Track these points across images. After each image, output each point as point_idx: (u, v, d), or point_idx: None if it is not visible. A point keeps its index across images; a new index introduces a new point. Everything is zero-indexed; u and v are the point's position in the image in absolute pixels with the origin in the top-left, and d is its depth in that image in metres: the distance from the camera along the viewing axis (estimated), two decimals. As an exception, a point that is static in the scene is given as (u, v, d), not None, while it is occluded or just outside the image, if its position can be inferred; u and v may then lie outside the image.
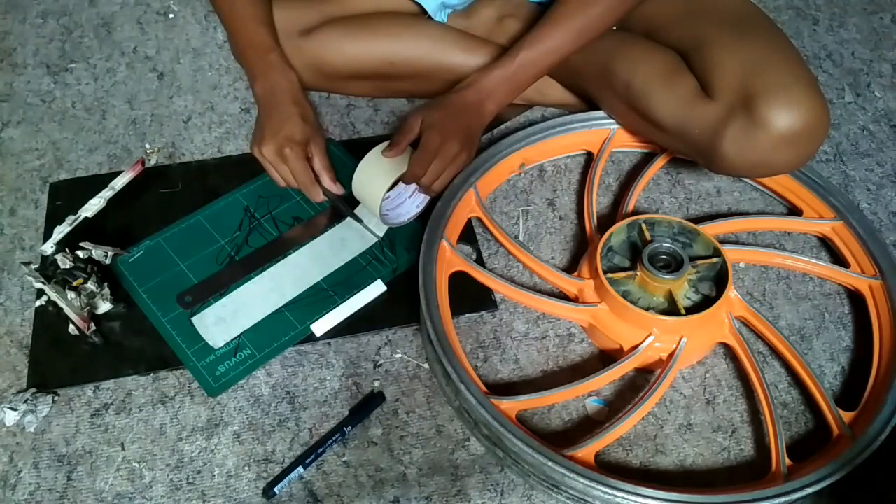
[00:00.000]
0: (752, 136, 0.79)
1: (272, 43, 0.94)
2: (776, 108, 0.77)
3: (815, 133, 0.79)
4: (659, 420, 0.81)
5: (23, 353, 0.84)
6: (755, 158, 0.80)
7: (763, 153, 0.80)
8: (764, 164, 0.82)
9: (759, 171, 0.84)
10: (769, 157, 0.80)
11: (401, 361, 0.84)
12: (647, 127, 0.92)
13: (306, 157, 0.90)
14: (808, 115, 0.77)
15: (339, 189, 0.91)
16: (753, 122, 0.78)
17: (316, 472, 0.76)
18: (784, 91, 0.77)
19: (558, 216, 0.98)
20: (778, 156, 0.80)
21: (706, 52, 0.84)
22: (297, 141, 0.89)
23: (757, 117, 0.78)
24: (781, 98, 0.77)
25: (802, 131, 0.78)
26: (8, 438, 0.78)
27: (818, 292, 0.92)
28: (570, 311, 0.86)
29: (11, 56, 1.16)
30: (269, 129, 0.90)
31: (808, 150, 0.80)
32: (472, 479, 0.76)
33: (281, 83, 0.92)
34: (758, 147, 0.79)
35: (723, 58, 0.82)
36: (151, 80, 1.13)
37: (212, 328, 0.85)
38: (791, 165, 0.83)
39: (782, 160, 0.81)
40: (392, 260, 0.92)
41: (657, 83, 0.87)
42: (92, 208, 0.92)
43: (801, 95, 0.77)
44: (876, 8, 1.30)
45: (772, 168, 0.83)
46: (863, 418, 0.77)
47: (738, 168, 0.83)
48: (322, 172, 0.90)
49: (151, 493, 0.75)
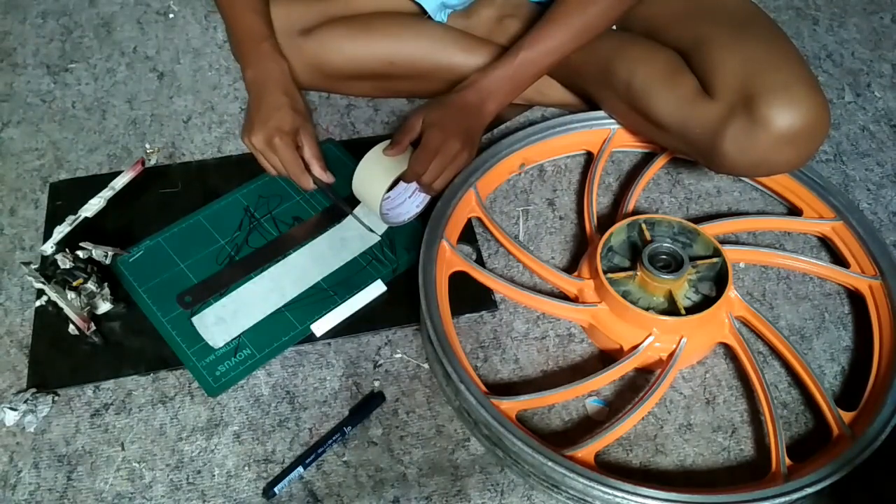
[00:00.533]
0: (752, 136, 0.79)
1: (266, 32, 0.94)
2: (777, 108, 0.77)
3: (815, 132, 0.79)
4: (659, 420, 0.81)
5: (23, 353, 0.84)
6: (756, 158, 0.80)
7: (763, 152, 0.80)
8: (764, 164, 0.82)
9: (760, 170, 0.84)
10: (770, 157, 0.80)
11: (401, 361, 0.84)
12: (647, 127, 0.92)
13: (296, 146, 0.90)
14: (808, 115, 0.77)
15: (329, 178, 0.91)
16: (754, 122, 0.78)
17: (316, 472, 0.76)
18: (785, 90, 0.78)
19: (558, 216, 0.98)
20: (778, 155, 0.80)
21: (706, 51, 0.84)
22: (286, 130, 0.89)
23: (758, 117, 0.78)
24: (782, 97, 0.77)
25: (803, 131, 0.78)
26: (8, 438, 0.78)
27: (818, 292, 0.92)
28: (570, 311, 0.86)
29: (11, 56, 1.16)
30: (259, 119, 0.90)
31: (809, 150, 0.80)
32: (472, 479, 0.76)
33: (272, 72, 0.92)
34: (758, 146, 0.79)
35: (723, 57, 0.82)
36: (151, 80, 1.13)
37: (212, 328, 0.85)
38: (791, 165, 0.83)
39: (783, 159, 0.81)
40: (392, 260, 0.92)
41: (657, 83, 0.87)
42: (92, 208, 0.92)
43: (801, 95, 0.77)
44: (876, 8, 1.30)
45: (772, 167, 0.83)
46: (863, 418, 0.77)
47: (738, 167, 0.83)
48: (312, 161, 0.90)
49: (151, 493, 0.75)
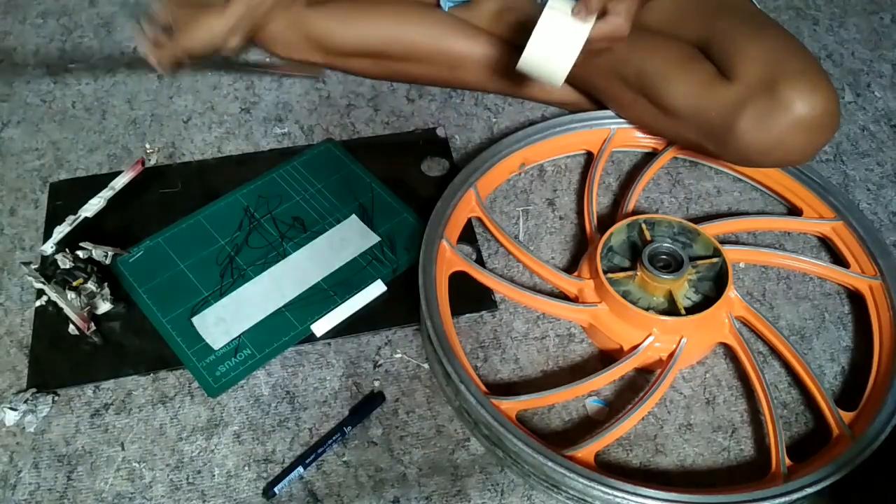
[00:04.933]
0: (771, 117, 0.80)
1: None
2: (799, 91, 0.79)
3: (829, 122, 0.81)
4: (659, 420, 0.81)
5: (23, 353, 0.84)
6: (771, 141, 0.82)
7: (779, 135, 0.81)
8: (778, 148, 0.83)
9: (771, 156, 0.85)
10: (784, 141, 0.81)
11: (401, 361, 0.84)
12: (655, 115, 0.92)
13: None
14: (826, 103, 0.80)
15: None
16: (774, 104, 0.80)
17: (316, 472, 0.76)
18: (807, 77, 0.80)
19: (558, 216, 0.98)
20: (793, 139, 0.81)
21: (727, 40, 0.86)
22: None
23: (779, 99, 0.80)
24: (805, 83, 0.79)
25: (820, 118, 0.80)
26: (8, 438, 0.78)
27: (818, 292, 0.92)
28: (570, 311, 0.86)
29: (11, 56, 1.16)
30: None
31: (821, 139, 0.83)
32: (472, 479, 0.76)
33: None
34: (775, 128, 0.81)
35: (746, 44, 0.84)
36: (151, 80, 1.13)
37: (212, 328, 0.85)
38: (803, 153, 0.84)
39: (796, 145, 0.82)
40: (392, 260, 0.92)
41: (673, 67, 0.88)
42: (92, 208, 0.92)
43: (822, 84, 0.80)
44: (876, 8, 1.30)
45: (785, 153, 0.84)
46: (863, 418, 0.77)
47: (751, 150, 0.84)
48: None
49: (151, 493, 0.75)
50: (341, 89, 1.12)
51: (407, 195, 0.98)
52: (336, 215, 0.96)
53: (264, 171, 1.00)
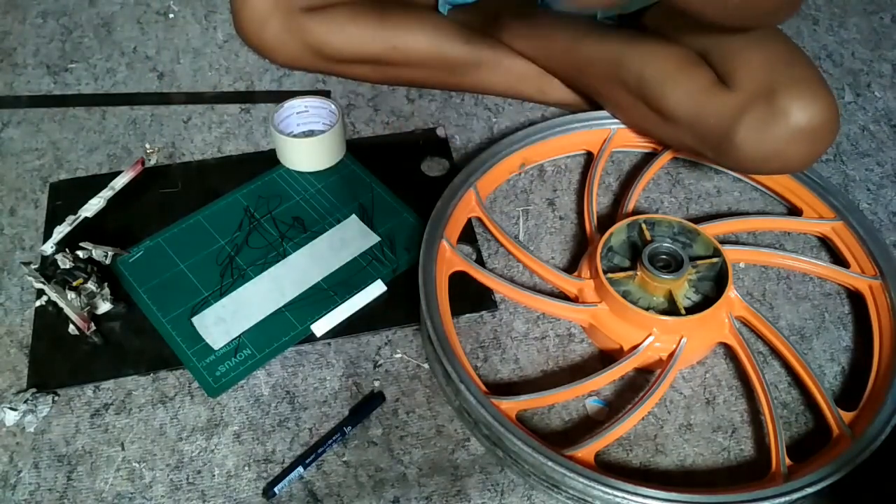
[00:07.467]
0: (770, 126, 0.80)
1: None
2: (799, 101, 0.79)
3: (829, 132, 0.80)
4: (659, 420, 0.81)
5: (23, 353, 0.84)
6: (769, 150, 0.81)
7: (778, 144, 0.81)
8: (776, 157, 0.82)
9: (770, 164, 0.84)
10: (783, 150, 0.81)
11: (401, 361, 0.84)
12: (653, 120, 0.92)
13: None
14: (826, 113, 0.79)
15: None
16: (774, 112, 0.79)
17: (316, 472, 0.76)
18: (807, 86, 0.79)
19: (558, 216, 0.98)
20: (792, 149, 0.81)
21: (728, 47, 0.85)
22: None
23: (778, 108, 0.79)
24: (805, 92, 0.79)
25: (820, 127, 0.79)
26: (8, 438, 0.78)
27: (818, 292, 0.92)
28: (570, 311, 0.86)
29: (11, 56, 1.16)
30: None
31: (819, 149, 0.82)
32: (472, 479, 0.76)
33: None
34: (774, 138, 0.80)
35: (746, 52, 0.83)
36: (151, 80, 1.13)
37: (212, 328, 0.85)
38: (801, 162, 0.84)
39: (795, 154, 0.82)
40: (392, 260, 0.92)
41: (673, 72, 0.88)
42: (92, 208, 0.92)
43: (822, 94, 0.80)
44: (876, 8, 1.30)
45: (783, 162, 0.83)
46: (863, 418, 0.77)
47: (749, 159, 0.84)
48: None
49: (151, 493, 0.75)
50: (341, 89, 1.12)
51: (407, 195, 0.98)
52: (336, 215, 0.96)
53: (264, 171, 1.00)
